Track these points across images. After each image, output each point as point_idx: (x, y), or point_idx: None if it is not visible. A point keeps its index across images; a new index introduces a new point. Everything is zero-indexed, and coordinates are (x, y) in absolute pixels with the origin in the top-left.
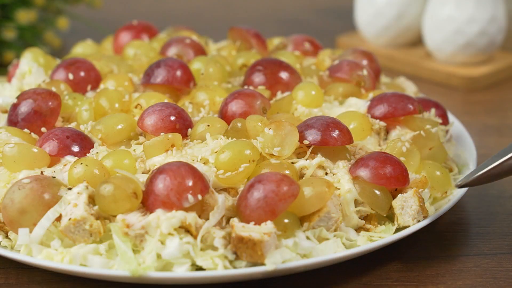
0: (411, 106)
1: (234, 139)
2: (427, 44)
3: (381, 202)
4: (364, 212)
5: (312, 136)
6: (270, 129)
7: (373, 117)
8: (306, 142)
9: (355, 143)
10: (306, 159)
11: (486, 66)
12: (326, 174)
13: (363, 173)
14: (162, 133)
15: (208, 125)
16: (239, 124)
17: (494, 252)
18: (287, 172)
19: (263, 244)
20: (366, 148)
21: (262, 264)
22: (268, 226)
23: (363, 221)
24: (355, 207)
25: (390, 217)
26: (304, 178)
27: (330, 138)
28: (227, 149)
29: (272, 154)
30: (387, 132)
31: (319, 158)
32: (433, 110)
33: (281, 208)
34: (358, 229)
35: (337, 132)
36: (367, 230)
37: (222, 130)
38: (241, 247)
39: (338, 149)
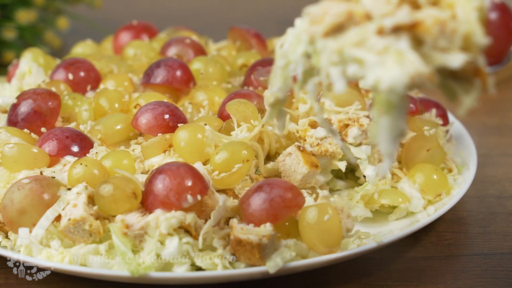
0: (412, 106)
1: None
2: None
3: None
4: None
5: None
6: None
7: None
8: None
9: None
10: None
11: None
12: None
13: None
14: (159, 134)
15: (205, 124)
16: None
17: (494, 252)
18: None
19: (261, 247)
20: None
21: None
22: (268, 228)
23: None
24: None
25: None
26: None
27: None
28: (221, 150)
29: None
30: None
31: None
32: (433, 110)
33: (285, 214)
34: None
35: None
36: None
37: (218, 129)
38: (239, 250)
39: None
